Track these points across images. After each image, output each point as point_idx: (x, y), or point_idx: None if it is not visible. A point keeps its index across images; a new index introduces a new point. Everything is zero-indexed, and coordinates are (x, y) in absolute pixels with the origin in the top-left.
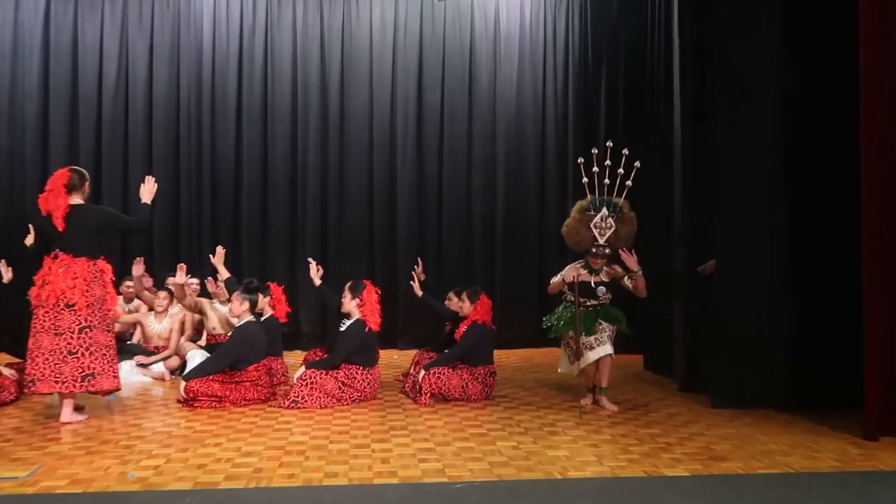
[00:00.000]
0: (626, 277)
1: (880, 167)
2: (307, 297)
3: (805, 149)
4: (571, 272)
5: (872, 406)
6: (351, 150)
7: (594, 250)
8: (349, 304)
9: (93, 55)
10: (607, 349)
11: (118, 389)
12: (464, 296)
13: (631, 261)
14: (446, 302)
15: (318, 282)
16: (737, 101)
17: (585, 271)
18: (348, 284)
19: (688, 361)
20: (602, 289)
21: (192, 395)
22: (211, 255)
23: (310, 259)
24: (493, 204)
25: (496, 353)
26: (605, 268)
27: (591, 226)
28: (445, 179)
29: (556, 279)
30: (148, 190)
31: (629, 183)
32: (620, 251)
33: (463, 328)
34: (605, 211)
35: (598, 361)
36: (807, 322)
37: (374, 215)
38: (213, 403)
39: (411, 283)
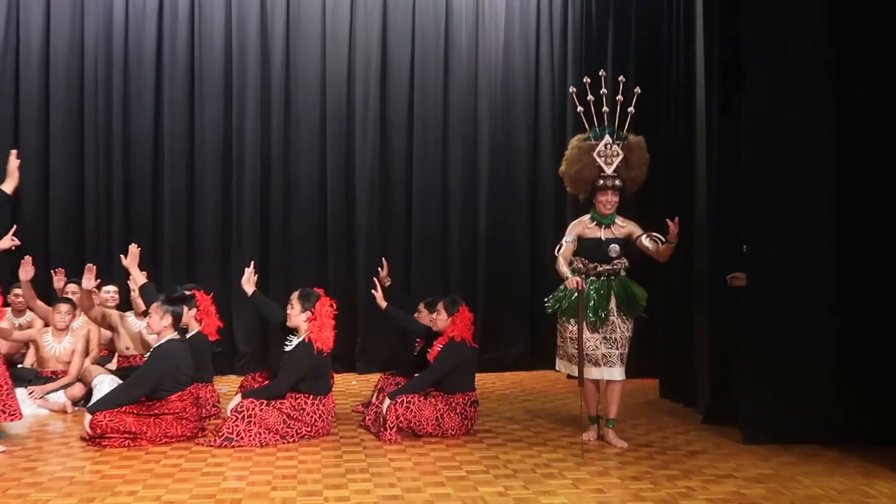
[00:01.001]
0: (645, 236)
1: None
2: (244, 309)
3: (859, 129)
4: (577, 229)
5: None
6: (298, 129)
7: (601, 182)
8: (297, 317)
9: None
10: (615, 374)
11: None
12: (439, 307)
13: (674, 230)
14: (416, 315)
15: (250, 289)
16: (775, 67)
17: (594, 224)
18: (297, 293)
19: (713, 388)
20: (615, 247)
21: (99, 431)
22: (122, 257)
23: (251, 263)
24: (475, 195)
25: (478, 377)
26: (616, 218)
27: (595, 155)
28: (416, 165)
29: (561, 249)
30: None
31: (632, 110)
32: (669, 222)
33: (437, 347)
34: (608, 138)
35: (602, 384)
36: (856, 342)
37: (328, 208)
38: (126, 441)
39: (373, 291)
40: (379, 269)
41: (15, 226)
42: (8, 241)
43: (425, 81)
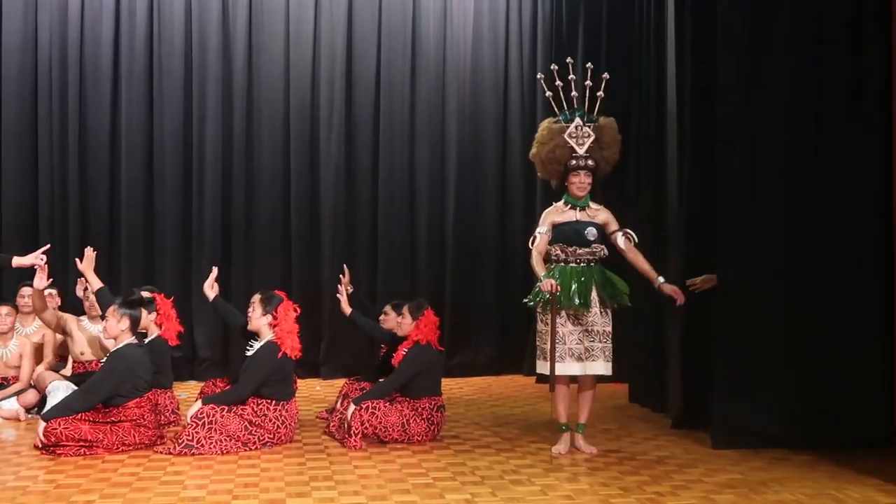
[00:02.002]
0: (620, 234)
1: None
2: (204, 313)
3: (835, 119)
4: (550, 217)
5: None
6: (261, 129)
7: (574, 163)
8: (259, 320)
9: None
10: (597, 368)
11: None
12: (404, 310)
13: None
14: (382, 319)
15: (212, 294)
16: (749, 52)
17: (568, 207)
18: (258, 296)
19: (683, 393)
20: (592, 230)
21: (53, 439)
22: (77, 260)
23: (214, 268)
24: (442, 197)
25: (446, 382)
26: (590, 202)
27: (566, 136)
28: (382, 166)
29: (535, 241)
30: None
31: (601, 94)
32: (672, 292)
33: (402, 351)
34: (578, 120)
35: (577, 385)
36: (827, 347)
37: (291, 211)
38: (82, 450)
39: (337, 296)
40: (341, 276)
41: (49, 245)
42: (33, 259)
43: (392, 80)
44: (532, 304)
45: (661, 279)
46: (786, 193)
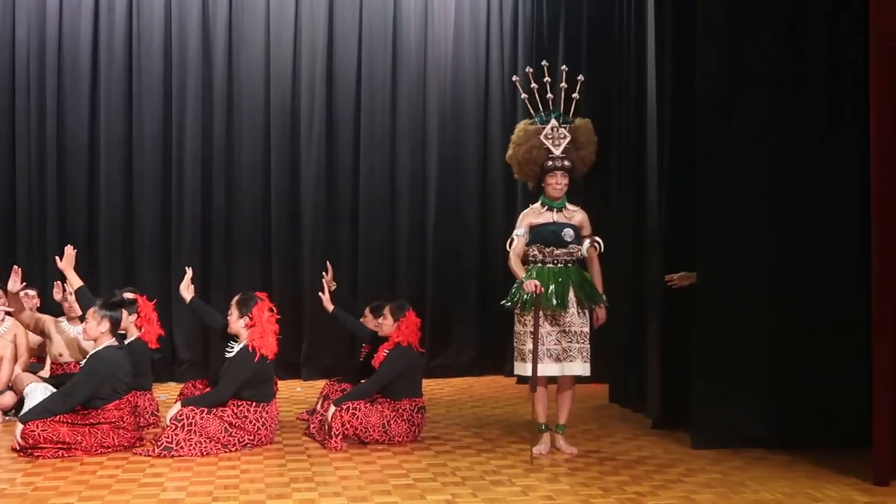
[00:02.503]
0: (588, 241)
1: (893, 155)
2: (183, 314)
3: (817, 114)
4: (528, 218)
5: (883, 445)
6: (241, 128)
7: (550, 164)
8: (236, 323)
9: None
10: (574, 369)
11: None
12: (385, 311)
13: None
14: (362, 320)
15: (189, 296)
16: (728, 54)
17: (545, 209)
18: (236, 299)
19: (663, 393)
20: (569, 231)
21: (31, 441)
22: (58, 259)
23: (189, 269)
24: (423, 197)
25: (427, 383)
26: (567, 203)
27: (543, 137)
28: (363, 166)
29: (513, 244)
30: None
31: (576, 96)
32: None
33: (383, 353)
34: (554, 122)
35: (555, 389)
36: (806, 348)
37: (272, 211)
38: (60, 452)
39: (319, 294)
40: (324, 272)
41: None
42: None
43: (373, 79)
44: (510, 305)
45: (603, 298)
46: (765, 193)
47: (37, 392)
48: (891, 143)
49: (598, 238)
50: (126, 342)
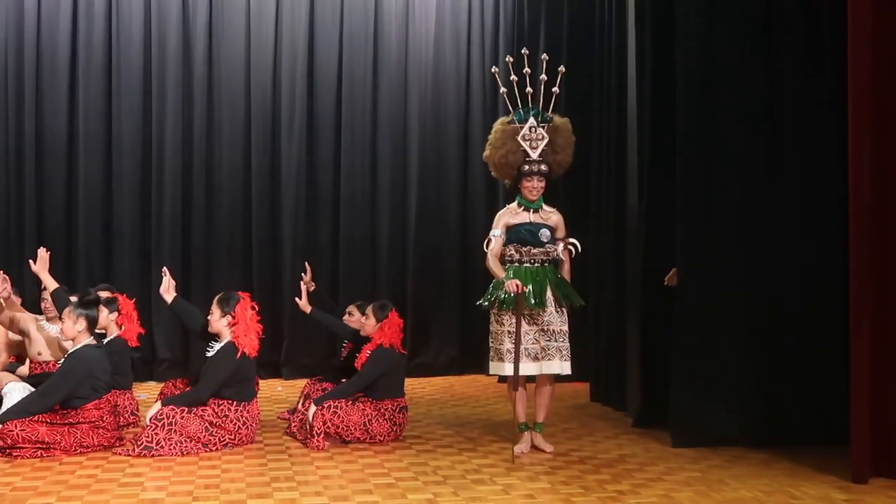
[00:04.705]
0: (562, 245)
1: (870, 155)
2: (163, 313)
3: (791, 128)
4: (504, 219)
5: (861, 443)
6: (221, 127)
7: (527, 168)
8: (218, 322)
9: None
10: (553, 367)
11: None
12: (368, 311)
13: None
14: (347, 318)
15: (170, 298)
16: (708, 46)
17: (521, 209)
18: (218, 297)
19: (644, 392)
20: (546, 231)
21: (9, 441)
22: (31, 262)
23: (164, 269)
24: (404, 196)
25: (408, 382)
26: (543, 204)
27: (520, 139)
28: (343, 165)
29: (491, 244)
30: None
31: (556, 90)
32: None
33: (366, 353)
34: (532, 121)
35: (533, 387)
36: (784, 346)
37: (252, 210)
38: (39, 452)
39: (296, 299)
40: (302, 273)
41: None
42: None
43: (353, 78)
44: (486, 305)
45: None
46: (744, 193)
47: (15, 391)
48: (869, 140)
49: (573, 240)
50: (105, 341)
